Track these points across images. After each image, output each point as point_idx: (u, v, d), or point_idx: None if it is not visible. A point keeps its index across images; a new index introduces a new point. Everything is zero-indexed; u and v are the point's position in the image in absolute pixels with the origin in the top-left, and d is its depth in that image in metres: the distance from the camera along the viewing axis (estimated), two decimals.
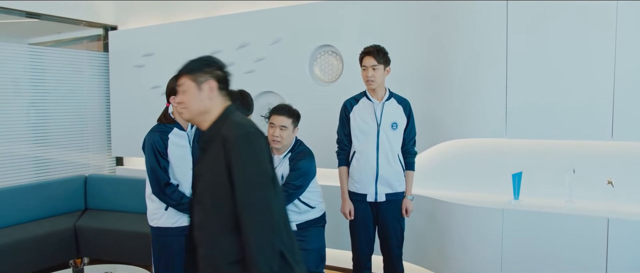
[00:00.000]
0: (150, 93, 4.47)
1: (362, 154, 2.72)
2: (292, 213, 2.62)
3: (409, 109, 2.75)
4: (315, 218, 2.71)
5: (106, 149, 4.87)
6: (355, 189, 2.77)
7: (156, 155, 2.30)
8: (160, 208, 2.37)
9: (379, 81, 2.67)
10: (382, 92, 2.73)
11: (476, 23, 2.98)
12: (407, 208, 2.75)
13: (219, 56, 4.33)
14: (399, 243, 2.77)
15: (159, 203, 2.36)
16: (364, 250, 2.81)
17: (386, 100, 2.71)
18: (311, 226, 2.69)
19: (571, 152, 2.89)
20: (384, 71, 2.68)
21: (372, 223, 2.78)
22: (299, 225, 2.66)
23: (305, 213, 2.67)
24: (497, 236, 2.81)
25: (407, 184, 2.76)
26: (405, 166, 2.77)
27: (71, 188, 4.10)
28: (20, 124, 4.20)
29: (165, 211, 2.35)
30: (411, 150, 2.77)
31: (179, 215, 2.36)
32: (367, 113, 2.72)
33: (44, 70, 4.36)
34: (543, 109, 2.78)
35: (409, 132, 2.74)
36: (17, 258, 3.31)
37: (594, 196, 2.83)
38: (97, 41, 4.90)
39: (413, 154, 2.78)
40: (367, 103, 2.74)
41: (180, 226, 2.35)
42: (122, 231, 3.58)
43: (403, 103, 2.75)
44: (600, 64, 2.63)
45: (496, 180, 3.10)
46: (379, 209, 2.74)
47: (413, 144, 2.78)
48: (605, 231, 2.53)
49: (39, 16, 4.33)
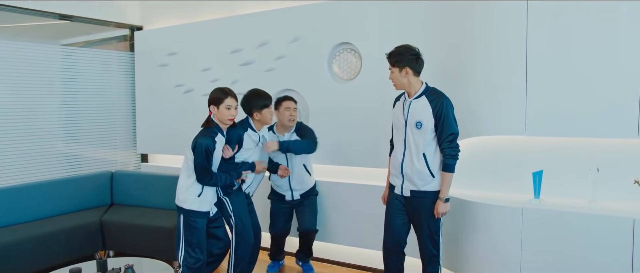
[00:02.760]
0: (173, 92, 4.59)
1: (396, 148, 2.80)
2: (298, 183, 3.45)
3: (440, 108, 2.57)
4: (311, 187, 3.56)
5: (132, 146, 5.03)
6: (390, 180, 2.87)
7: (207, 155, 2.81)
8: (193, 194, 2.89)
9: (398, 83, 2.67)
10: (414, 90, 2.67)
11: (495, 20, 2.91)
12: (437, 208, 2.66)
13: (239, 55, 4.46)
14: (431, 243, 2.72)
15: (193, 190, 2.88)
16: (390, 241, 2.84)
17: (415, 98, 2.66)
18: (311, 195, 3.54)
19: (595, 150, 2.79)
20: (399, 73, 2.64)
21: (400, 216, 2.79)
22: (302, 195, 3.49)
23: (307, 180, 3.49)
24: (517, 236, 2.75)
25: (442, 185, 2.65)
26: (441, 167, 2.66)
27: (98, 184, 4.24)
28: (53, 122, 4.39)
29: (198, 197, 2.89)
30: (445, 150, 2.61)
31: (205, 202, 2.93)
32: (400, 110, 2.74)
33: (75, 70, 4.54)
34: (564, 106, 2.70)
35: (440, 131, 2.61)
36: (48, 249, 3.46)
37: (619, 196, 2.73)
38: (123, 41, 5.06)
39: (448, 156, 2.60)
40: (405, 99, 2.74)
41: (202, 211, 2.93)
42: (145, 226, 3.68)
43: (435, 101, 2.61)
44: (626, 59, 2.52)
45: (517, 179, 3.03)
46: (408, 204, 2.75)
47: (448, 144, 2.59)
48: (630, 232, 2.43)
49: (71, 18, 4.51)
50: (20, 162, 4.16)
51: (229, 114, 2.85)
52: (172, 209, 3.59)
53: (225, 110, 2.84)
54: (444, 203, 2.65)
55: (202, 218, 2.94)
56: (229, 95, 2.86)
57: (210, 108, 2.88)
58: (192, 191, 2.89)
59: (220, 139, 2.90)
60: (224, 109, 2.84)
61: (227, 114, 2.85)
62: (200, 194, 2.89)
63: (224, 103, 2.84)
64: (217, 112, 2.85)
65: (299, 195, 3.49)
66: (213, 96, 2.87)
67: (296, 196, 3.49)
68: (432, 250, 2.73)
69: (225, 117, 2.86)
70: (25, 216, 3.74)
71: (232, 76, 4.19)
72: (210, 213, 3.01)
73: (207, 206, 2.96)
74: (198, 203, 2.90)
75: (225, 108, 2.84)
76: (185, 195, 2.90)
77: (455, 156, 2.62)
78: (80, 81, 4.57)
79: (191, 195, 2.89)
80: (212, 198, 2.99)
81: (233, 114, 2.88)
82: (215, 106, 2.85)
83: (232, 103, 2.86)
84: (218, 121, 2.89)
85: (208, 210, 2.97)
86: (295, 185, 3.46)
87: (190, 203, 2.89)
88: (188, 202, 2.89)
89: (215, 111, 2.86)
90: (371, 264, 3.68)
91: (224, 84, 4.19)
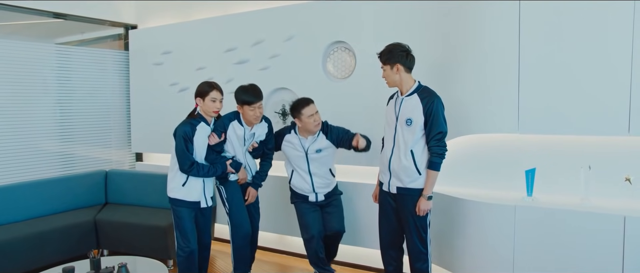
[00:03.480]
0: (168, 90, 4.58)
1: (385, 145, 2.83)
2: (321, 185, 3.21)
3: (430, 107, 2.59)
4: (335, 187, 3.31)
5: (126, 145, 5.02)
6: (379, 177, 2.91)
7: (185, 141, 2.88)
8: (178, 183, 2.96)
9: (390, 80, 2.71)
10: (406, 87, 2.70)
11: (488, 19, 2.92)
12: (419, 205, 2.69)
13: (234, 53, 4.45)
14: (418, 240, 2.74)
15: (178, 180, 2.96)
16: (385, 238, 2.92)
17: (407, 96, 2.69)
18: (335, 194, 3.30)
19: (586, 148, 2.81)
20: (391, 70, 2.67)
21: (392, 213, 2.83)
22: (326, 195, 3.24)
23: (331, 183, 3.26)
24: (509, 233, 2.76)
25: (426, 183, 2.67)
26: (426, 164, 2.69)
27: (92, 183, 4.24)
28: (47, 121, 4.38)
29: (182, 186, 2.96)
30: (432, 148, 2.63)
31: (191, 191, 2.97)
32: (392, 108, 2.79)
33: (70, 69, 4.52)
34: (556, 104, 2.71)
35: (429, 129, 2.63)
36: (41, 248, 3.45)
37: (610, 193, 2.74)
38: (118, 40, 5.05)
39: (434, 154, 2.62)
40: (397, 97, 2.77)
41: (188, 200, 2.98)
42: (140, 225, 3.68)
43: (426, 99, 2.63)
44: (617, 58, 2.54)
45: (509, 177, 3.04)
46: (395, 201, 2.79)
47: (436, 143, 2.61)
48: (621, 229, 2.45)
49: (65, 17, 4.50)
50: (14, 161, 4.14)
51: (214, 106, 2.95)
52: (166, 208, 3.59)
53: (211, 102, 2.93)
54: (426, 200, 2.67)
55: (187, 208, 2.98)
56: (215, 88, 2.96)
57: (196, 100, 2.97)
58: (177, 180, 2.97)
59: (203, 128, 2.97)
60: (209, 101, 2.93)
61: (212, 106, 2.94)
62: (185, 183, 2.96)
63: (210, 96, 2.92)
64: (203, 104, 2.95)
65: (323, 196, 3.23)
66: (199, 89, 2.97)
67: (320, 197, 3.23)
68: (420, 246, 2.75)
69: (210, 109, 2.94)
70: (19, 215, 3.74)
71: (226, 75, 4.18)
72: (202, 203, 3.03)
73: (195, 196, 3.00)
74: (183, 192, 2.96)
75: (210, 101, 2.93)
76: (172, 185, 2.99)
77: (441, 155, 2.64)
78: (75, 80, 4.56)
79: (177, 184, 2.97)
80: (201, 188, 3.02)
81: (218, 107, 2.97)
82: (201, 99, 2.95)
83: (217, 96, 2.95)
84: (203, 113, 2.98)
85: (196, 200, 3.01)
86: (319, 187, 3.22)
87: (175, 192, 2.98)
88: (174, 191, 2.98)
89: (201, 104, 2.96)
90: (366, 262, 3.69)
91: (219, 82, 4.15)
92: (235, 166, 3.09)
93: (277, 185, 3.84)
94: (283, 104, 4.01)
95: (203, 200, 3.03)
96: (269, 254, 4.09)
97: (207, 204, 3.06)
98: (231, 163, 3.07)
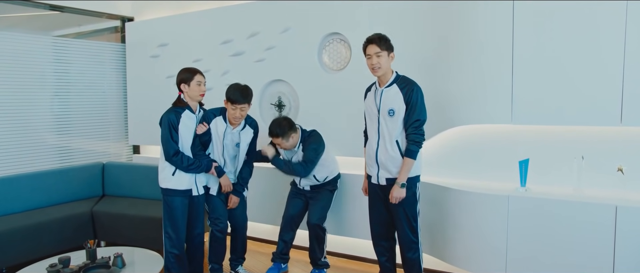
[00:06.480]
0: (164, 83, 4.58)
1: (370, 138, 2.83)
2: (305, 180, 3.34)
3: (410, 95, 2.61)
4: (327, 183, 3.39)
5: (124, 137, 5.03)
6: (367, 170, 2.91)
7: (170, 129, 2.87)
8: (168, 173, 2.94)
9: (385, 67, 2.68)
10: (386, 78, 2.72)
11: (482, 10, 2.92)
12: (392, 193, 2.67)
13: (230, 45, 4.44)
14: (409, 229, 2.75)
15: (168, 169, 2.94)
16: (376, 230, 2.95)
17: (386, 86, 2.70)
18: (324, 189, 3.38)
19: (579, 138, 2.82)
20: (388, 57, 2.68)
21: (382, 205, 2.85)
22: (312, 187, 3.37)
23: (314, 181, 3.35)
24: (503, 223, 2.77)
25: (401, 170, 2.66)
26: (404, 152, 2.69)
27: (89, 175, 4.25)
28: (45, 114, 4.39)
29: (172, 176, 2.94)
30: (410, 136, 2.64)
31: (182, 180, 2.95)
32: (372, 100, 2.78)
33: (67, 62, 4.53)
34: (550, 95, 2.71)
35: (407, 116, 2.63)
36: (38, 239, 3.47)
37: (603, 184, 2.76)
38: (115, 32, 5.05)
39: (412, 142, 2.63)
40: (376, 89, 2.77)
41: (179, 189, 2.96)
42: (137, 217, 3.69)
43: (405, 88, 2.64)
44: (609, 48, 2.54)
45: (503, 167, 3.05)
46: (384, 193, 2.79)
47: (414, 130, 2.62)
48: (613, 219, 2.46)
49: (62, 9, 4.50)
50: (12, 153, 4.16)
51: (200, 89, 2.93)
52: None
53: (196, 86, 2.91)
54: (399, 188, 2.66)
55: (178, 197, 2.96)
56: (198, 72, 2.95)
57: (181, 87, 2.92)
58: (167, 170, 2.95)
59: (188, 116, 2.93)
60: (195, 85, 2.90)
61: (198, 90, 2.92)
62: (175, 172, 2.94)
63: (195, 80, 2.90)
64: (189, 89, 2.91)
65: (308, 186, 3.38)
66: (182, 76, 2.92)
67: (306, 187, 3.38)
68: (410, 236, 2.77)
69: (197, 93, 2.92)
70: (17, 206, 3.75)
71: (222, 67, 4.19)
72: (193, 191, 3.01)
73: (186, 185, 2.97)
74: (174, 181, 2.94)
75: (196, 84, 2.91)
76: (163, 175, 2.97)
77: (419, 143, 2.64)
78: (72, 73, 4.56)
79: (167, 173, 2.95)
80: (192, 176, 2.99)
81: (203, 90, 2.95)
82: (186, 84, 2.90)
83: (201, 79, 2.94)
84: (189, 98, 2.93)
85: (188, 188, 2.98)
86: (303, 179, 3.35)
87: (166, 181, 2.95)
88: (165, 181, 2.96)
89: (186, 89, 2.91)
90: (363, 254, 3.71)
91: (215, 75, 4.21)
92: (219, 172, 3.08)
93: (272, 176, 3.85)
94: (279, 96, 4.01)
95: (194, 187, 3.01)
96: (264, 245, 4.11)
97: (198, 192, 3.03)
98: (216, 167, 3.05)
